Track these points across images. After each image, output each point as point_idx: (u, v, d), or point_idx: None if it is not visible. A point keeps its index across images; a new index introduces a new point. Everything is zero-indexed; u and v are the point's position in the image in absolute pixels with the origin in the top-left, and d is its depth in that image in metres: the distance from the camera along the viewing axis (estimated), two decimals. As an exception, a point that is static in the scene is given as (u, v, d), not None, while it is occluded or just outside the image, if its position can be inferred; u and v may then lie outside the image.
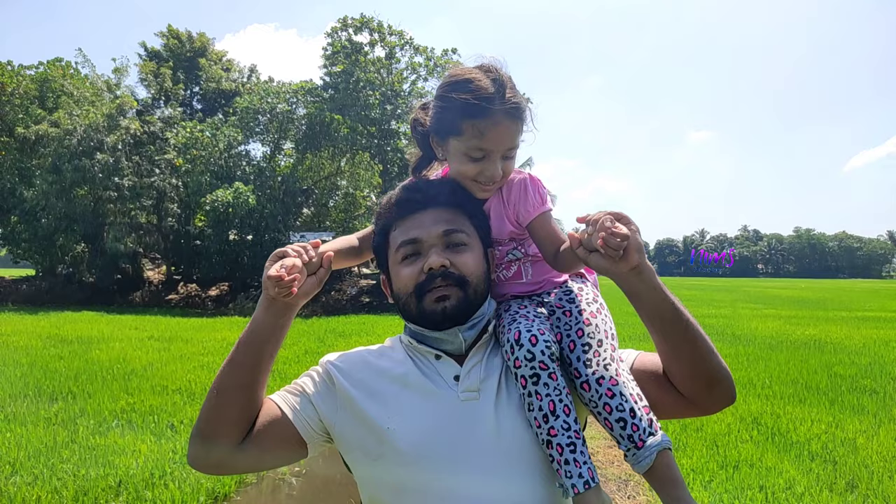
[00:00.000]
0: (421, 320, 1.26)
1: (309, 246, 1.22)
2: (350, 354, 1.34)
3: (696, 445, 5.53)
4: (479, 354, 1.26)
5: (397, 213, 1.30)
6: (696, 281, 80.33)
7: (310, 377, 1.31)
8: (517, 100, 1.24)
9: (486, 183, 1.28)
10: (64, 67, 23.85)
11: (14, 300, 22.49)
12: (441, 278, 1.22)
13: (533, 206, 1.32)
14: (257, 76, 30.13)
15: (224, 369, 1.17)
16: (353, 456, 1.23)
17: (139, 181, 22.16)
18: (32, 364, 9.39)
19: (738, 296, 35.09)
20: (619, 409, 1.13)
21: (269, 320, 1.18)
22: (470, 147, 1.24)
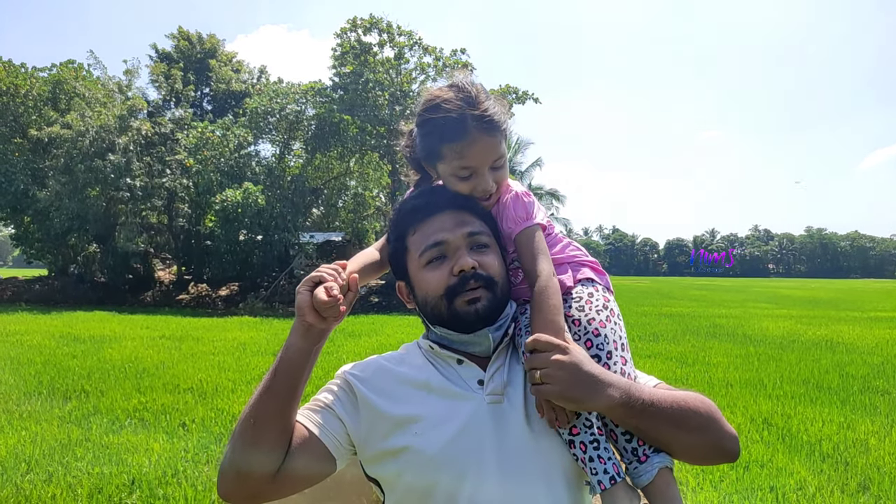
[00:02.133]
0: (452, 323, 1.25)
1: (339, 268, 1.22)
2: (367, 363, 1.34)
3: (707, 446, 5.52)
4: (500, 359, 1.27)
5: (414, 219, 1.31)
6: (707, 281, 79.90)
7: (330, 391, 1.30)
8: (490, 112, 1.23)
9: (482, 197, 1.31)
10: (76, 69, 24.04)
11: (27, 299, 22.72)
12: (473, 280, 1.22)
13: (514, 222, 1.31)
14: (267, 77, 30.29)
15: (261, 398, 1.15)
16: (380, 464, 1.23)
17: (150, 181, 22.33)
18: (46, 363, 9.49)
19: (749, 296, 34.89)
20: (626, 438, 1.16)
21: (306, 347, 1.16)
22: (455, 168, 1.27)
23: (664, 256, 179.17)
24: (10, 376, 8.44)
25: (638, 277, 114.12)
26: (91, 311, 19.24)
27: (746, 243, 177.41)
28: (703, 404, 1.17)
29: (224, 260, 23.30)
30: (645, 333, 14.13)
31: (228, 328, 14.85)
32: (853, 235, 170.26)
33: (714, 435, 1.16)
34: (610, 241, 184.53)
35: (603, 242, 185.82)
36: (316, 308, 1.11)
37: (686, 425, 1.14)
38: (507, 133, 1.29)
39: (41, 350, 10.78)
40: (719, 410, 1.19)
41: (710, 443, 1.16)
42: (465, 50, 24.83)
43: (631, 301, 27.69)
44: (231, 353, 10.79)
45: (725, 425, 1.18)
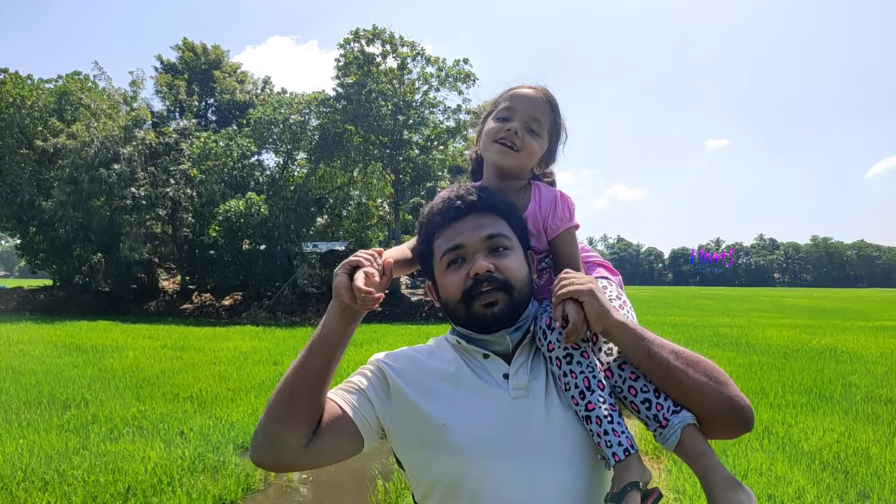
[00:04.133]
0: (471, 325, 1.31)
1: (375, 254, 1.27)
2: (399, 354, 1.39)
3: (705, 454, 5.47)
4: (524, 354, 1.32)
5: (439, 222, 1.35)
6: (712, 290, 79.64)
7: (363, 375, 1.34)
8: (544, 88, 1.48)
9: (507, 144, 1.40)
10: (82, 81, 24.25)
11: (32, 309, 22.80)
12: (487, 282, 1.27)
13: (561, 220, 1.42)
14: (271, 88, 30.45)
15: (296, 373, 1.20)
16: (410, 451, 1.28)
17: (154, 191, 22.43)
18: (47, 372, 9.51)
19: (754, 305, 34.75)
20: (644, 391, 1.20)
21: (342, 327, 1.22)
22: (499, 109, 1.43)
23: (669, 265, 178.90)
24: (10, 386, 8.47)
25: (643, 287, 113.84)
26: (94, 320, 19.29)
27: (752, 252, 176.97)
28: (712, 362, 1.22)
29: (227, 270, 23.37)
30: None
31: (231, 337, 14.86)
32: (859, 244, 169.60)
33: (727, 388, 1.17)
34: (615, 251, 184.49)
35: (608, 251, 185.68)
36: (354, 293, 1.16)
37: (696, 367, 1.17)
38: (556, 117, 1.46)
39: (43, 360, 10.81)
40: None
41: (724, 395, 1.15)
42: (468, 60, 24.92)
43: (636, 310, 27.49)
44: (232, 363, 10.80)
45: (736, 387, 1.20)
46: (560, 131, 1.50)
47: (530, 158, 1.43)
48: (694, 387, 1.16)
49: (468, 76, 24.82)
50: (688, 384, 1.17)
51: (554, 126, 1.47)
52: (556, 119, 1.47)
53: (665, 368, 1.18)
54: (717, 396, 1.16)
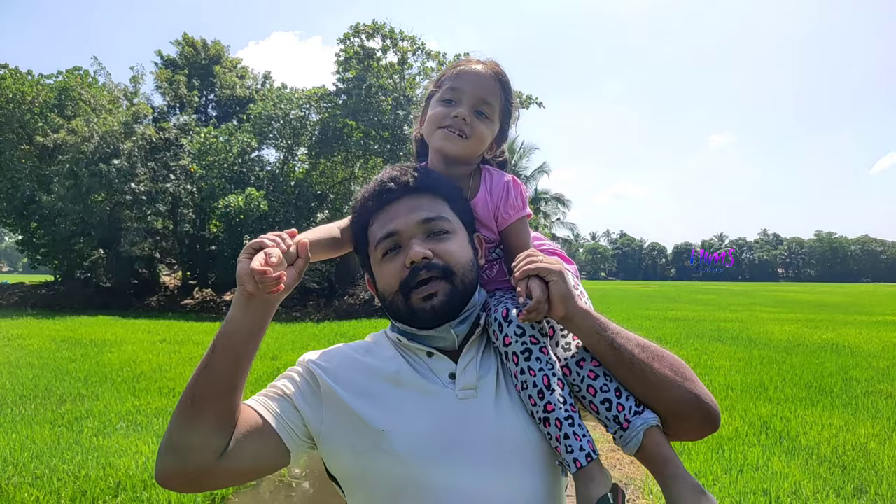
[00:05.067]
0: (410, 320, 1.21)
1: (285, 234, 1.14)
2: (333, 352, 1.26)
3: (701, 449, 5.43)
4: (472, 350, 1.22)
5: (373, 207, 1.25)
6: (715, 285, 79.48)
7: (290, 378, 1.22)
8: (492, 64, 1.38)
9: (455, 131, 1.30)
10: (82, 76, 24.21)
11: (33, 304, 22.81)
12: (425, 270, 1.16)
13: (513, 209, 1.33)
14: (271, 83, 30.39)
15: (199, 376, 1.06)
16: (343, 461, 1.16)
17: (154, 186, 22.41)
18: (44, 366, 9.50)
19: (756, 300, 34.63)
20: (604, 390, 1.12)
21: (249, 320, 1.08)
22: (445, 91, 1.33)
23: (672, 261, 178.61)
24: (7, 380, 8.44)
25: (645, 282, 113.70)
26: (95, 315, 19.29)
27: (755, 247, 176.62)
28: (677, 357, 1.16)
29: (229, 265, 23.32)
30: (648, 337, 13.86)
31: (230, 332, 14.84)
32: (863, 239, 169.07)
33: (694, 385, 1.11)
34: (617, 246, 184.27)
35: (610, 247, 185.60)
36: (256, 279, 1.03)
37: (662, 361, 1.11)
38: (507, 97, 1.36)
39: (41, 354, 10.80)
40: None
41: (690, 392, 1.10)
42: (469, 54, 24.77)
43: (637, 305, 27.53)
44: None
45: (701, 384, 1.14)
46: (511, 111, 1.40)
47: (480, 145, 1.33)
48: (659, 382, 1.10)
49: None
50: (653, 379, 1.10)
51: (505, 106, 1.37)
52: (508, 98, 1.37)
53: (629, 361, 1.11)
54: (684, 392, 1.10)
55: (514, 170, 26.47)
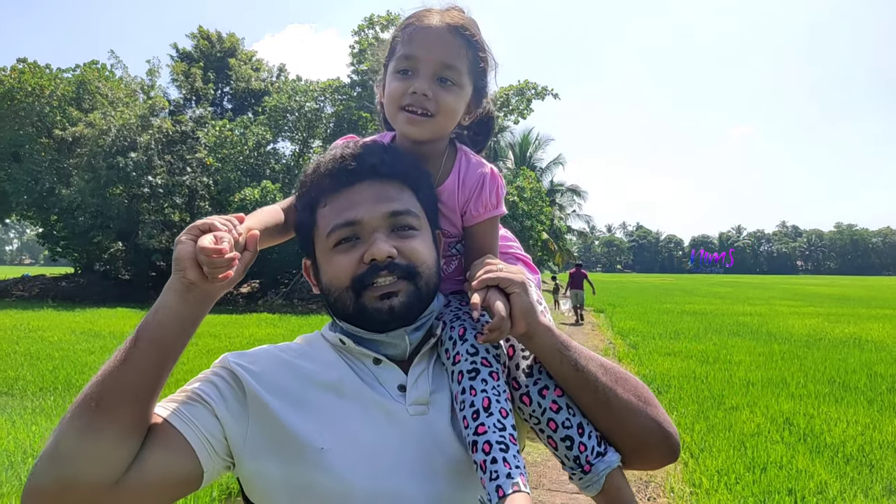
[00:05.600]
0: (360, 320, 1.04)
1: (235, 220, 0.96)
2: (260, 353, 1.06)
3: (723, 446, 5.33)
4: (424, 362, 1.08)
5: (328, 186, 1.06)
6: (733, 278, 78.72)
7: (208, 382, 1.00)
8: (459, 17, 1.12)
9: (414, 110, 1.10)
10: (99, 70, 24.38)
11: (54, 296, 23.10)
12: (386, 270, 1.01)
13: (484, 206, 1.16)
14: (286, 75, 30.42)
15: (111, 373, 0.86)
16: (269, 485, 0.97)
17: (171, 179, 22.54)
18: (64, 358, 9.58)
19: (775, 293, 34.23)
20: (566, 426, 1.01)
21: (185, 312, 0.90)
22: (398, 60, 1.11)
23: (689, 253, 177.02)
24: (28, 371, 8.52)
25: (662, 275, 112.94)
26: (114, 307, 19.48)
27: (773, 240, 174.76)
28: (638, 379, 1.07)
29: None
30: (666, 331, 13.87)
31: (246, 325, 14.90)
32: (885, 231, 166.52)
33: (657, 412, 1.03)
34: (634, 239, 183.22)
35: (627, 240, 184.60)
36: (200, 262, 0.87)
37: (625, 385, 1.03)
38: (475, 53, 1.12)
39: (60, 346, 10.90)
40: None
41: (654, 420, 1.02)
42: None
43: (653, 298, 27.30)
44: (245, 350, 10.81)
45: (662, 409, 1.06)
46: (485, 67, 1.16)
47: (450, 120, 1.13)
48: (623, 408, 1.01)
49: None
50: (617, 405, 1.01)
51: (474, 63, 1.12)
52: (477, 53, 1.12)
53: (593, 385, 1.00)
54: (647, 421, 1.02)
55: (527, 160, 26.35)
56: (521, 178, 24.05)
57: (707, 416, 6.31)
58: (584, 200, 47.12)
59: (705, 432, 5.77)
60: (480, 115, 1.23)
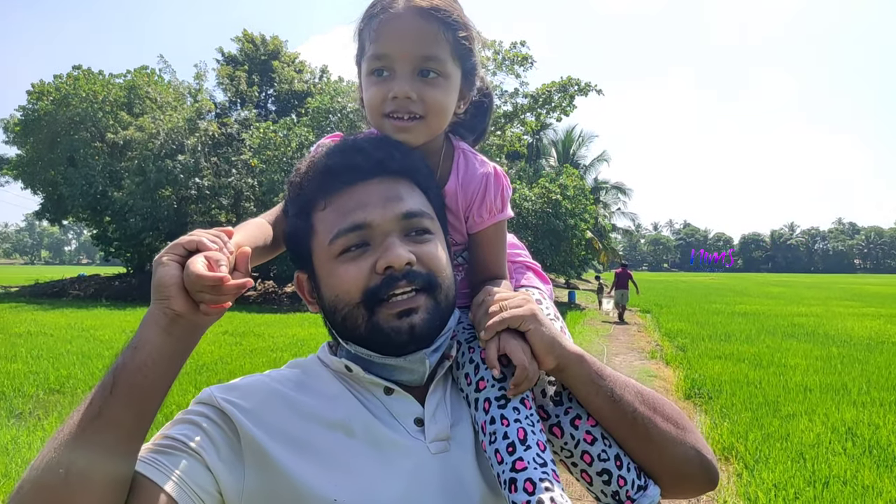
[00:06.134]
0: (374, 342, 0.90)
1: (224, 235, 0.83)
2: (252, 387, 0.91)
3: (780, 458, 5.03)
4: (440, 388, 0.96)
5: (328, 185, 0.92)
6: (785, 277, 76.17)
7: (194, 426, 0.84)
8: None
9: (399, 116, 0.95)
10: (149, 75, 25.10)
11: (108, 296, 23.82)
12: (406, 281, 0.87)
13: (489, 211, 1.04)
14: (328, 76, 30.72)
15: (82, 432, 0.70)
16: None
17: (217, 181, 23.02)
18: (113, 357, 9.71)
19: (832, 293, 32.88)
20: (602, 458, 0.91)
21: (170, 348, 0.75)
22: (370, 61, 0.96)
23: (739, 251, 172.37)
24: (79, 370, 8.74)
25: (710, 274, 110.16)
26: (163, 307, 19.96)
27: (829, 237, 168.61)
28: (673, 403, 0.98)
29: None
30: (716, 333, 13.40)
31: (290, 324, 15.05)
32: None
33: (693, 438, 0.94)
34: (681, 236, 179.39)
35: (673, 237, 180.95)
36: (188, 288, 0.74)
37: (662, 412, 0.93)
38: (455, 34, 0.96)
39: (111, 344, 11.19)
40: None
41: (693, 448, 0.93)
42: (525, 42, 24.34)
43: (702, 298, 26.55)
44: (289, 350, 10.87)
45: (700, 434, 0.96)
46: (470, 45, 0.99)
47: (443, 116, 0.99)
48: (662, 439, 0.91)
49: (525, 59, 24.24)
50: (656, 436, 0.91)
51: (458, 45, 0.97)
52: (457, 33, 0.96)
53: (631, 417, 0.90)
54: (687, 450, 0.93)
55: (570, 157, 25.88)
56: (564, 175, 23.69)
57: (762, 425, 5.99)
58: (629, 198, 46.29)
59: (760, 442, 5.47)
60: (475, 96, 1.08)
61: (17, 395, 7.23)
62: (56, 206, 25.60)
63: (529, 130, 27.23)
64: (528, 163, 31.10)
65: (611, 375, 0.92)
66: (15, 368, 8.69)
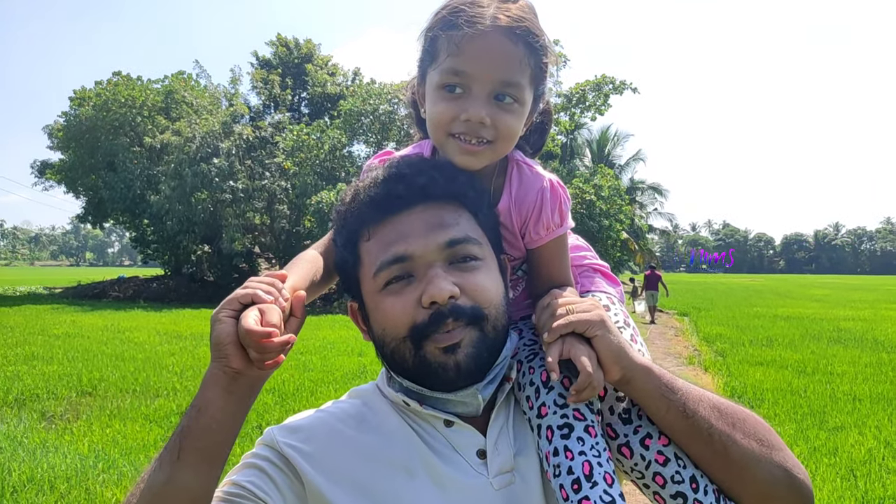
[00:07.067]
0: (422, 377, 0.87)
1: (279, 283, 0.82)
2: (314, 428, 0.91)
3: (828, 475, 4.73)
4: (502, 415, 0.92)
5: (371, 216, 0.90)
6: (831, 279, 73.90)
7: (258, 471, 0.85)
8: (516, 12, 0.88)
9: (468, 139, 0.91)
10: (186, 80, 25.58)
11: (146, 297, 24.40)
12: (452, 318, 0.83)
13: (546, 228, 0.99)
14: (360, 79, 30.84)
15: (151, 496, 0.73)
16: None
17: (252, 184, 23.30)
18: (146, 359, 9.92)
19: (880, 295, 31.68)
20: (676, 480, 0.85)
21: (233, 406, 0.76)
22: (444, 73, 0.89)
23: (781, 252, 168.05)
24: (111, 372, 8.85)
25: (751, 275, 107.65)
26: (198, 308, 20.27)
27: (877, 237, 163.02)
28: (758, 417, 0.89)
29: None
30: (757, 338, 12.94)
31: (320, 326, 15.07)
32: None
33: (784, 456, 0.84)
34: (720, 237, 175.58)
35: (712, 238, 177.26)
36: (245, 346, 0.74)
37: (744, 427, 0.85)
38: (538, 60, 0.91)
39: (144, 347, 11.34)
40: None
41: (781, 467, 0.83)
42: (559, 41, 24.05)
43: (742, 301, 25.81)
44: (318, 353, 10.86)
45: (790, 452, 0.87)
46: (546, 72, 0.95)
47: (509, 143, 0.94)
48: (744, 458, 0.83)
49: (559, 57, 23.93)
50: (735, 454, 0.83)
51: (538, 71, 0.93)
52: (541, 59, 0.92)
53: (706, 434, 0.83)
54: (773, 469, 0.83)
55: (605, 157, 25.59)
56: (598, 175, 23.33)
57: (808, 437, 5.68)
58: (665, 198, 45.41)
59: (806, 456, 5.17)
60: (537, 119, 1.05)
61: (49, 397, 7.34)
62: (97, 210, 26.30)
63: (563, 130, 26.90)
64: (562, 163, 30.71)
65: (683, 388, 0.86)
66: (50, 370, 8.85)
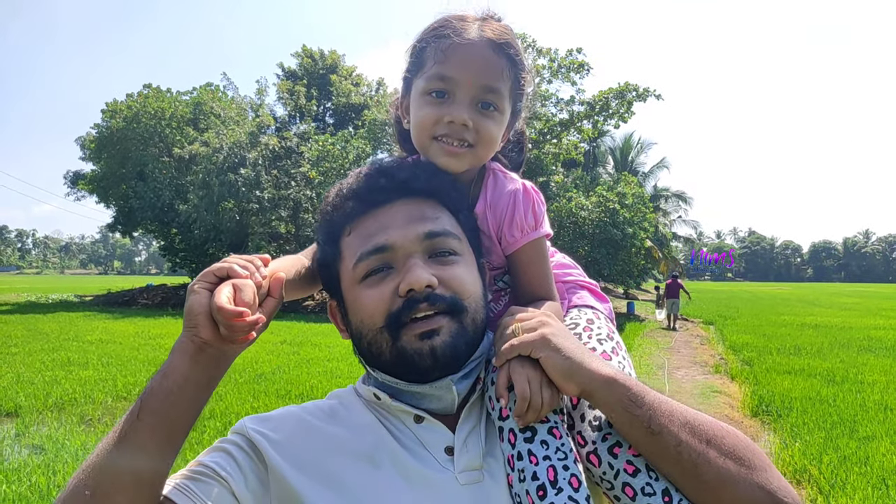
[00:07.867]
0: (399, 367, 0.88)
1: (258, 261, 0.84)
2: (282, 417, 0.92)
3: (859, 483, 4.70)
4: (473, 416, 0.92)
5: (352, 209, 0.92)
6: (861, 287, 72.36)
7: (224, 453, 0.85)
8: (496, 26, 0.97)
9: (450, 141, 0.96)
10: (214, 91, 26.11)
11: (174, 305, 24.78)
12: (427, 303, 0.84)
13: (520, 229, 1.01)
14: (384, 89, 31.17)
15: (108, 455, 0.72)
16: None
17: (277, 193, 23.65)
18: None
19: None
20: (647, 493, 0.81)
21: (197, 375, 0.76)
22: (429, 80, 0.96)
23: (808, 260, 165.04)
24: (145, 377, 9.04)
25: (778, 283, 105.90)
26: (225, 316, 20.57)
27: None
28: (740, 434, 0.83)
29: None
30: (784, 346, 12.79)
31: (346, 334, 15.22)
32: None
33: (765, 478, 0.78)
34: (746, 245, 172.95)
35: (738, 246, 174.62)
36: (215, 318, 0.75)
37: (720, 446, 0.79)
38: (518, 73, 0.99)
39: (175, 353, 11.56)
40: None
41: (761, 489, 0.77)
42: (582, 49, 24.03)
43: (769, 309, 25.45)
44: (344, 359, 10.97)
45: (777, 472, 0.81)
46: (524, 88, 1.02)
47: (490, 149, 1.00)
48: (718, 477, 0.77)
49: (581, 66, 23.92)
50: (708, 474, 0.77)
51: (517, 85, 0.99)
52: (519, 73, 0.99)
53: (675, 452, 0.78)
54: (753, 491, 0.77)
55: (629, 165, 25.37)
56: (622, 183, 23.22)
57: (837, 446, 5.64)
58: (689, 206, 44.97)
59: (836, 465, 5.13)
60: (512, 137, 1.11)
61: (87, 401, 7.55)
62: (127, 219, 26.88)
63: (586, 138, 26.81)
64: (585, 171, 30.64)
65: (652, 402, 0.81)
66: (86, 375, 9.09)
